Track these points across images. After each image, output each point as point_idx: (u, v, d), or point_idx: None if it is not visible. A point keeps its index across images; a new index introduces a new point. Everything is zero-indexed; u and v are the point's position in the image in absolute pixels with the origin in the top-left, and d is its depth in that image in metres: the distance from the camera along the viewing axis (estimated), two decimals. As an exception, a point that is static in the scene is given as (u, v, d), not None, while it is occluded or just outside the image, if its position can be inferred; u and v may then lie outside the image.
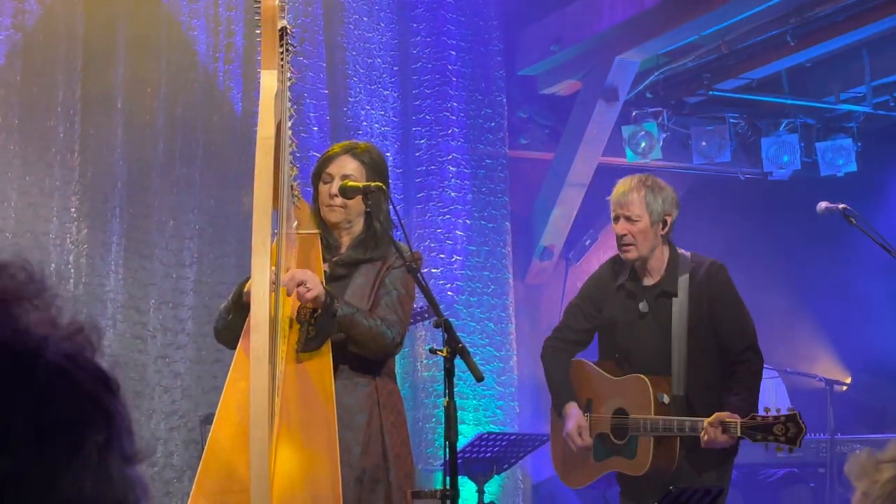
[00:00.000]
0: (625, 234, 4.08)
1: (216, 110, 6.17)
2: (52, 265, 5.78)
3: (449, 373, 2.87)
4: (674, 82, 7.18)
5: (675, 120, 7.36)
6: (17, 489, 0.59)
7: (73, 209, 5.86)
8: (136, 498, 0.64)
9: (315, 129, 6.24)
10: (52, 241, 5.81)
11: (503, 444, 5.12)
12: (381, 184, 3.34)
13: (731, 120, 7.45)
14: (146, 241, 6.03)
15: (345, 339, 3.24)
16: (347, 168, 3.43)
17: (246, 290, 3.15)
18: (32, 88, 5.83)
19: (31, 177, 5.83)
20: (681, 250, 4.18)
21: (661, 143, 7.10)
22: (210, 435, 3.01)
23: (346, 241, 3.48)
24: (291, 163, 3.25)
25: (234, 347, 3.19)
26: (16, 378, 0.62)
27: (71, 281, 5.82)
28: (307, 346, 3.15)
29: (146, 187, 6.05)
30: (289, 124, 3.17)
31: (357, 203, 3.39)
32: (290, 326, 3.20)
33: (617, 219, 4.12)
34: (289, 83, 3.12)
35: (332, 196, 3.42)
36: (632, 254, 4.09)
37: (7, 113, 5.78)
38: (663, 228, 4.10)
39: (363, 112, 6.40)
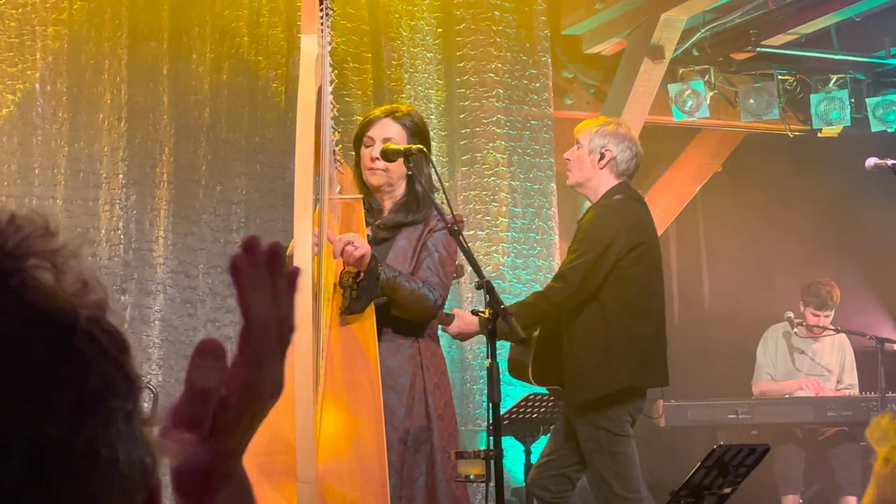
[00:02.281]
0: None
1: (261, 75, 6.19)
2: (102, 231, 5.86)
3: (491, 334, 2.88)
4: (721, 39, 7.09)
5: (723, 77, 7.28)
6: (61, 458, 0.61)
7: (121, 175, 5.93)
8: (153, 461, 0.66)
9: (358, 93, 6.24)
10: (102, 206, 5.88)
11: (549, 404, 5.14)
12: (422, 146, 3.35)
13: (780, 76, 7.34)
14: (194, 206, 6.09)
15: (387, 303, 3.26)
16: (388, 131, 3.43)
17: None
18: (80, 56, 5.89)
19: (79, 143, 5.90)
20: None
21: (709, 101, 7.02)
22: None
23: (388, 204, 3.50)
24: (333, 127, 3.26)
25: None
26: (56, 348, 0.63)
27: (121, 246, 5.90)
28: (350, 308, 3.18)
29: (193, 153, 6.10)
30: (330, 88, 3.18)
31: (398, 166, 3.40)
32: (334, 290, 3.23)
33: None
34: (330, 47, 3.12)
35: (373, 159, 3.43)
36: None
37: (55, 81, 5.85)
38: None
39: (406, 75, 6.39)
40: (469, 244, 3.33)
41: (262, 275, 0.85)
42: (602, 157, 4.25)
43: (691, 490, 3.31)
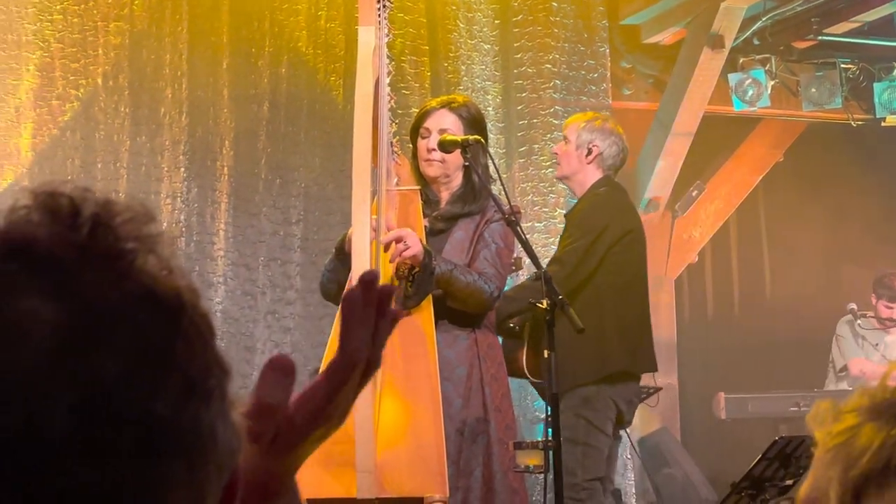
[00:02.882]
0: None
1: (319, 68, 6.23)
2: (164, 224, 5.92)
3: (549, 325, 2.87)
4: (782, 27, 6.99)
5: (784, 66, 7.18)
6: (168, 434, 0.63)
7: (182, 168, 6.00)
8: (239, 444, 0.68)
9: (416, 85, 6.25)
10: (164, 200, 5.96)
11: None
12: (479, 137, 3.34)
13: (842, 65, 7.23)
14: (253, 199, 6.14)
15: (443, 294, 3.26)
16: (445, 122, 3.44)
17: (348, 240, 3.19)
18: (141, 52, 5.96)
19: (141, 137, 5.98)
20: None
21: (770, 90, 6.93)
22: (316, 388, 3.06)
23: (445, 195, 3.50)
24: (391, 119, 3.27)
25: (338, 302, 3.24)
26: (166, 328, 0.65)
27: (183, 239, 5.97)
28: (406, 304, 3.19)
29: (253, 146, 6.15)
30: (387, 80, 3.19)
31: (455, 157, 3.40)
32: (391, 282, 3.24)
33: None
34: (387, 39, 3.13)
35: (429, 150, 3.43)
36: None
37: (117, 76, 5.93)
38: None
39: (463, 67, 6.39)
40: (527, 236, 3.32)
41: (370, 314, 0.88)
42: (589, 152, 4.39)
43: (753, 482, 3.28)
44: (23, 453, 0.59)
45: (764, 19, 6.74)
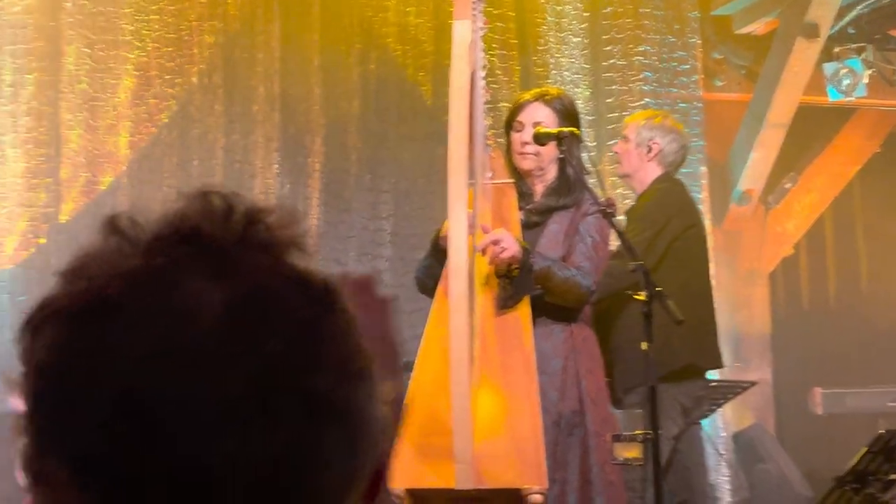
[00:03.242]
0: None
1: (409, 64, 6.26)
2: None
3: (647, 317, 2.86)
4: (879, 15, 6.84)
5: (881, 55, 7.02)
6: (326, 410, 0.66)
7: (275, 165, 6.08)
8: (386, 428, 0.71)
9: (504, 79, 6.25)
10: (257, 196, 6.05)
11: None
12: (574, 129, 3.33)
13: (942, 53, 7.06)
14: (344, 195, 6.21)
15: (540, 290, 3.26)
16: (538, 115, 3.43)
17: (442, 234, 3.20)
18: (234, 50, 6.06)
19: (235, 135, 6.08)
20: None
21: (866, 79, 6.79)
22: (411, 380, 3.09)
23: (539, 188, 3.49)
24: (485, 112, 3.28)
25: (433, 295, 3.26)
26: (322, 309, 0.68)
27: (275, 235, 6.05)
28: (505, 304, 3.19)
29: (343, 143, 6.21)
30: (482, 74, 3.20)
31: (549, 150, 3.39)
32: (489, 280, 3.25)
33: None
34: (482, 32, 3.14)
35: (523, 144, 3.43)
36: None
37: (212, 74, 6.03)
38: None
39: (552, 60, 6.37)
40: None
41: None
42: (650, 149, 4.37)
43: (856, 476, 3.22)
44: (201, 421, 0.63)
45: (860, 7, 6.61)
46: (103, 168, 5.89)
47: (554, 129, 3.33)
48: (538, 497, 2.82)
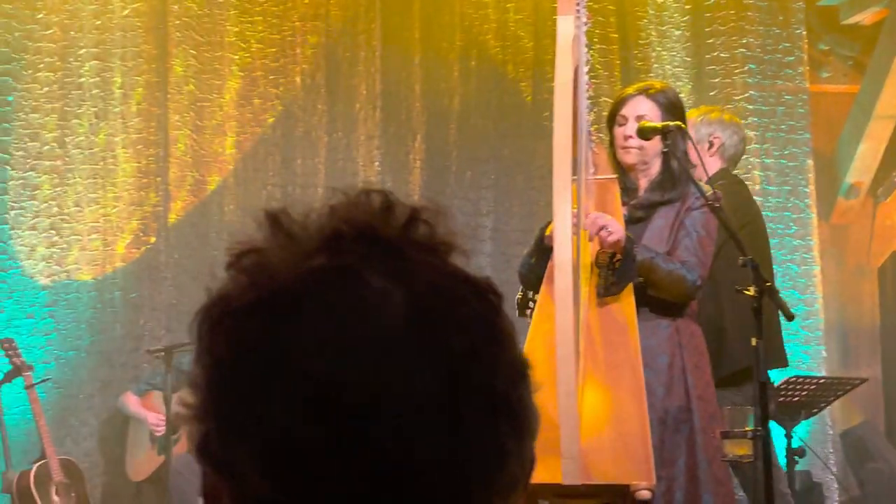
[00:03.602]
0: None
1: (509, 60, 6.27)
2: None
3: (757, 312, 2.82)
4: None
5: None
6: (508, 408, 0.68)
7: (377, 163, 6.15)
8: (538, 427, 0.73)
9: (605, 73, 6.22)
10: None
11: (812, 387, 4.97)
12: (679, 123, 3.31)
13: None
14: (444, 191, 6.24)
15: (644, 283, 3.24)
16: (641, 109, 3.41)
17: (547, 233, 3.21)
18: (337, 50, 6.14)
19: (337, 133, 6.16)
20: None
21: (979, 68, 6.59)
22: (517, 376, 3.10)
23: (643, 183, 3.47)
24: (589, 108, 3.27)
25: (538, 291, 3.27)
26: (496, 312, 0.70)
27: (377, 232, 6.11)
28: (608, 291, 3.19)
29: (444, 139, 6.25)
30: (585, 69, 3.19)
31: (653, 144, 3.37)
32: (591, 271, 3.24)
33: None
34: (585, 28, 3.13)
35: (626, 138, 3.41)
36: None
37: (314, 74, 6.12)
38: None
39: (654, 54, 6.32)
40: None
41: None
42: (711, 144, 4.29)
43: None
44: (395, 416, 0.64)
45: (973, -6, 6.41)
46: (210, 168, 6.02)
47: (659, 124, 3.31)
48: (646, 493, 2.81)
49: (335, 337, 0.65)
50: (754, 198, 6.25)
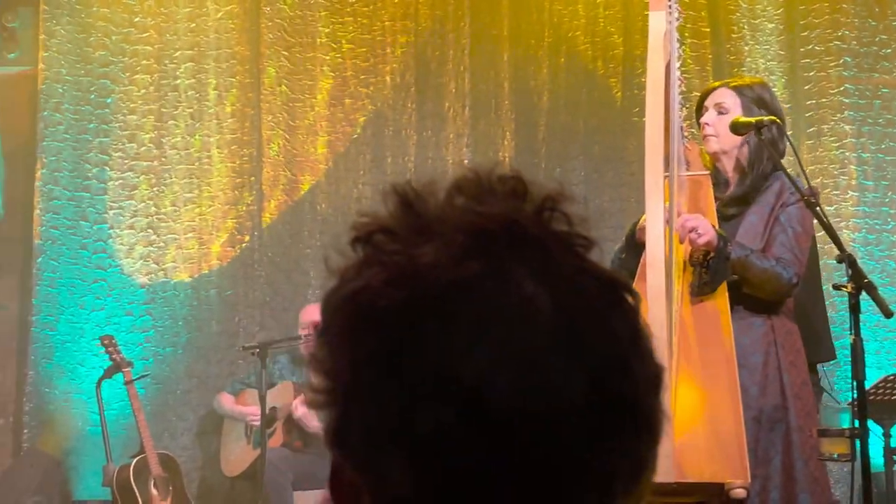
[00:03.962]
0: None
1: (599, 56, 6.24)
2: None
3: (854, 309, 2.78)
4: None
5: None
6: (646, 417, 0.68)
7: (466, 161, 6.17)
8: None
9: (696, 68, 6.15)
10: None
11: (909, 386, 4.87)
12: (774, 118, 3.27)
13: None
14: (535, 188, 6.23)
15: (738, 280, 3.21)
16: (721, 98, 3.39)
17: (639, 228, 3.20)
18: (426, 49, 6.17)
19: (427, 132, 6.19)
20: None
21: None
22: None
23: (732, 176, 3.44)
24: (681, 104, 3.25)
25: (630, 287, 3.25)
26: (635, 319, 0.70)
27: (467, 229, 6.13)
28: (701, 290, 3.16)
29: (533, 137, 6.25)
30: (678, 65, 3.18)
31: (731, 133, 3.33)
32: (684, 268, 3.22)
33: None
34: (677, 23, 3.12)
35: (704, 125, 3.40)
36: None
37: (404, 73, 6.16)
38: None
39: (746, 48, 6.24)
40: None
41: None
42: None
43: None
44: (548, 423, 0.64)
45: None
46: (303, 167, 6.11)
47: (752, 118, 3.27)
48: (741, 491, 2.79)
49: (487, 342, 0.65)
50: (851, 193, 6.15)
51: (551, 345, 0.65)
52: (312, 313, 5.37)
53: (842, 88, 6.19)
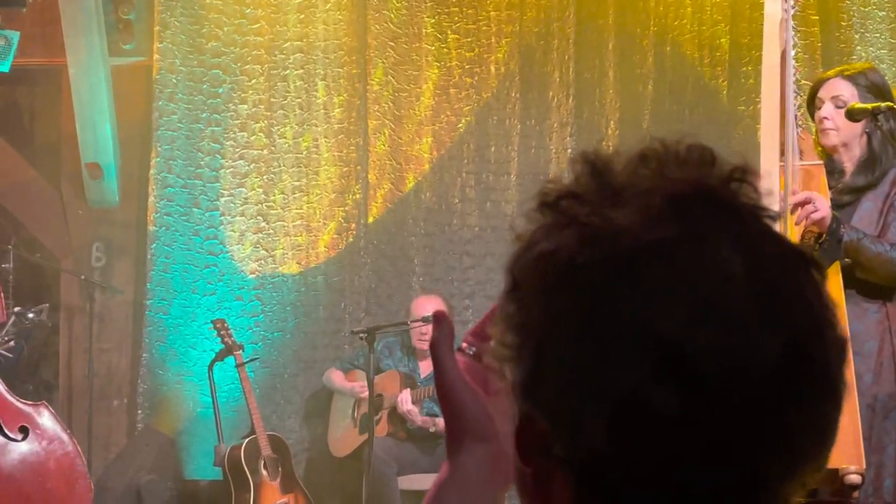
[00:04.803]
0: None
1: (705, 44, 6.21)
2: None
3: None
4: None
5: None
6: (839, 385, 0.70)
7: (569, 150, 6.18)
8: None
9: (805, 56, 6.08)
10: (551, 182, 6.16)
11: None
12: (891, 104, 3.24)
13: None
14: (639, 178, 6.22)
15: (852, 265, 3.20)
16: (837, 90, 3.35)
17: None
18: (530, 37, 6.20)
19: (530, 121, 6.22)
20: None
21: None
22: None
23: (848, 166, 3.41)
24: (795, 92, 3.24)
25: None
26: (823, 289, 0.71)
27: (570, 218, 6.15)
28: None
29: (637, 126, 6.23)
30: (793, 53, 3.17)
31: (851, 125, 3.30)
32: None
33: None
34: (793, 11, 3.10)
35: (822, 120, 3.37)
36: None
37: (509, 62, 6.20)
38: None
39: (857, 36, 6.14)
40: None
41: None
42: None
43: None
44: (744, 384, 0.67)
45: None
46: (408, 158, 6.18)
47: (868, 105, 3.25)
48: (855, 477, 2.78)
49: (686, 303, 0.66)
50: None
51: (748, 307, 0.67)
52: (424, 306, 5.44)
53: (955, 77, 6.06)
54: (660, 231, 0.68)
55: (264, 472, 5.21)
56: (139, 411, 5.99)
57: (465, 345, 0.96)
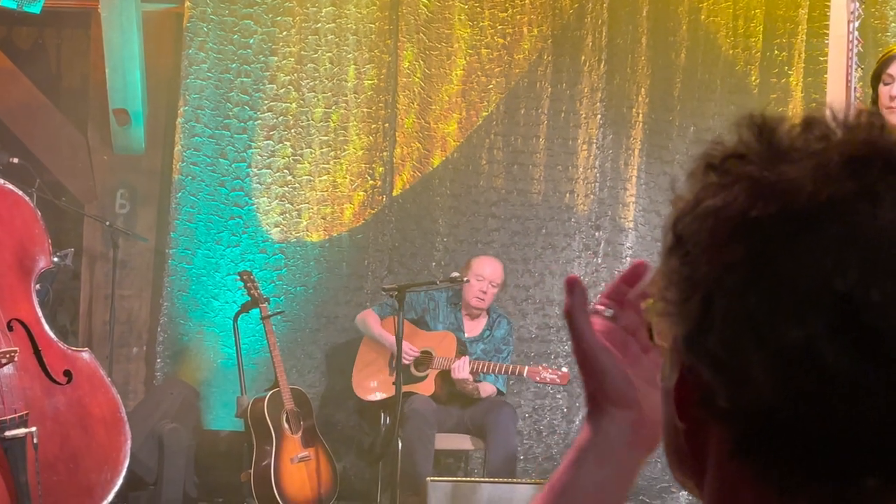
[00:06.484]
0: None
1: (741, 14, 6.16)
2: (580, 169, 6.13)
3: None
4: None
5: None
6: None
7: (599, 115, 6.15)
8: None
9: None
10: (580, 146, 6.14)
11: None
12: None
13: None
14: (667, 146, 6.20)
15: None
16: None
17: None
18: (564, 1, 6.14)
19: (561, 85, 6.18)
20: None
21: None
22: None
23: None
24: (857, 64, 3.21)
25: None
26: None
27: (596, 185, 6.13)
28: None
29: (668, 93, 6.20)
30: (857, 24, 3.13)
31: None
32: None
33: None
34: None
35: (892, 98, 3.33)
36: None
37: (542, 24, 6.15)
38: None
39: (892, 12, 6.09)
40: None
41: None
42: None
43: None
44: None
45: None
46: (436, 112, 6.14)
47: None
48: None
49: (859, 258, 0.67)
50: None
51: None
52: (483, 266, 5.43)
53: None
54: (837, 188, 0.68)
55: (286, 426, 5.21)
56: (158, 360, 5.98)
57: (601, 307, 0.96)
